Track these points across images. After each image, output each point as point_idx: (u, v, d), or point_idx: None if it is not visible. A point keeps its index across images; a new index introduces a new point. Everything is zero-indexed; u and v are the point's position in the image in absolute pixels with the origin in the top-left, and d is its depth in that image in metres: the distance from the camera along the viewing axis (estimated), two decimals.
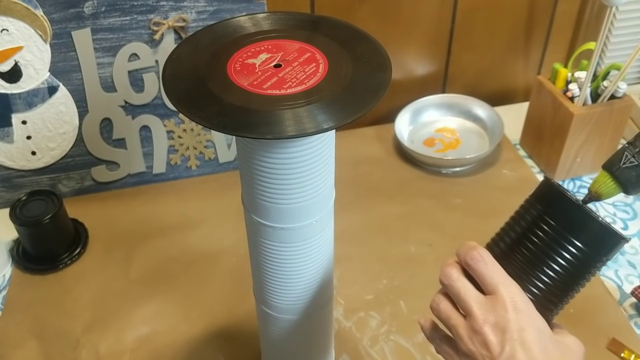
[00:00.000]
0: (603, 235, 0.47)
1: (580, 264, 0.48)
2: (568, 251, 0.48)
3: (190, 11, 0.90)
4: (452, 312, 0.49)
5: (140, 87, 0.94)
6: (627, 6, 1.07)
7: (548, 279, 0.48)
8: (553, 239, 0.48)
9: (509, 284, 0.47)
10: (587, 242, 0.47)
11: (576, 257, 0.48)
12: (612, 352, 0.76)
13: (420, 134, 1.11)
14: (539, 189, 0.50)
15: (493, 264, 0.48)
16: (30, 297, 0.86)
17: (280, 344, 0.69)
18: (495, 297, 0.47)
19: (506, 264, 0.49)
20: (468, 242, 0.50)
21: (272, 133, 0.47)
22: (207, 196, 1.00)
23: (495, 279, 0.47)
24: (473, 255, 0.49)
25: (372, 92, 0.50)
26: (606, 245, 0.48)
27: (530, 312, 0.47)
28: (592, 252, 0.48)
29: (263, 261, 0.60)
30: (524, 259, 0.49)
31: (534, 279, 0.48)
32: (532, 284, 0.49)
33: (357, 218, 0.96)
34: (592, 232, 0.47)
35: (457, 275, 0.50)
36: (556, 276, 0.48)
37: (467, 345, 0.47)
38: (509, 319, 0.46)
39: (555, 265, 0.48)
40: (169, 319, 0.82)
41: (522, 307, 0.46)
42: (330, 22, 0.58)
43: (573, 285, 0.49)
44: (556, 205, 0.48)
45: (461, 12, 1.08)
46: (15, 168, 0.95)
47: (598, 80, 0.95)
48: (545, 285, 0.48)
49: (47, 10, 0.86)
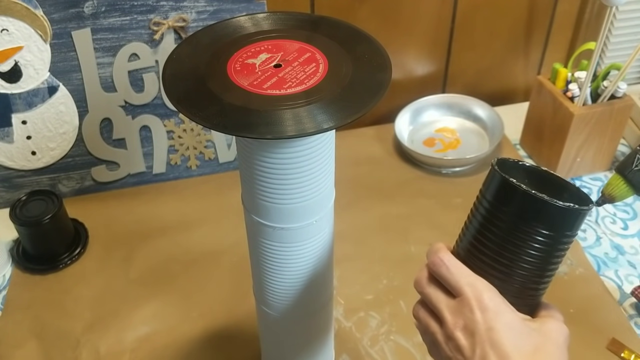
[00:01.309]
0: (561, 215, 0.45)
1: (547, 246, 0.46)
2: (530, 238, 0.45)
3: (190, 11, 0.90)
4: (429, 319, 0.49)
5: (140, 87, 0.94)
6: (627, 6, 1.07)
7: (518, 268, 0.46)
8: (511, 230, 0.46)
9: (473, 282, 0.46)
10: (547, 226, 0.45)
11: (540, 242, 0.45)
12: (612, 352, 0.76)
13: (420, 134, 1.11)
14: (487, 180, 0.48)
15: (455, 265, 0.47)
16: (30, 297, 0.86)
17: (280, 344, 0.69)
18: (462, 299, 0.46)
19: (473, 261, 0.48)
20: (433, 246, 0.50)
21: (272, 133, 0.47)
22: (207, 196, 1.00)
23: (459, 282, 0.47)
24: (434, 261, 0.48)
25: (372, 92, 0.50)
26: (567, 223, 0.46)
27: (497, 307, 0.45)
28: (555, 233, 0.45)
29: (263, 261, 0.60)
30: (488, 253, 0.47)
31: (503, 271, 0.47)
32: (502, 276, 0.47)
33: (357, 218, 0.95)
34: (548, 215, 0.45)
35: (426, 282, 0.49)
36: (526, 264, 0.46)
37: (445, 351, 0.47)
38: (476, 320, 0.45)
39: (522, 254, 0.46)
40: (169, 319, 0.82)
41: (488, 304, 0.45)
42: (330, 22, 0.58)
43: (546, 267, 0.47)
44: (505, 195, 0.46)
45: (461, 12, 1.08)
46: (15, 168, 0.95)
47: (598, 80, 0.95)
48: (517, 275, 0.47)
49: (47, 10, 0.86)
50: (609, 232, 0.93)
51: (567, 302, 0.83)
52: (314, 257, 0.59)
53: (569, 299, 0.83)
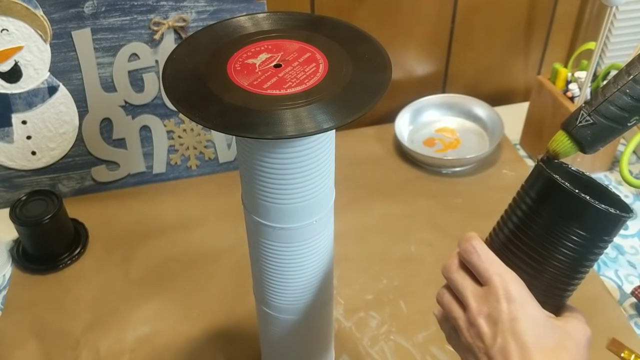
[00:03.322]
0: (601, 218, 0.46)
1: (582, 248, 0.46)
2: (567, 238, 0.46)
3: (190, 11, 0.90)
4: (453, 304, 0.49)
5: (140, 87, 0.94)
6: (627, 6, 1.07)
7: (550, 266, 0.47)
8: (549, 228, 0.46)
9: (502, 273, 0.47)
10: (585, 228, 0.46)
11: (576, 243, 0.46)
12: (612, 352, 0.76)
13: (420, 134, 1.11)
14: (531, 176, 0.49)
15: (486, 254, 0.48)
16: (30, 297, 0.86)
17: (280, 344, 0.69)
18: (489, 288, 0.47)
19: (506, 254, 0.48)
20: (466, 234, 0.50)
21: (272, 133, 0.47)
22: (207, 196, 1.00)
23: (489, 270, 0.47)
24: (466, 248, 0.49)
25: (372, 92, 0.50)
26: (606, 227, 0.46)
27: (524, 300, 0.46)
28: (592, 236, 0.46)
29: (263, 261, 0.60)
30: (522, 247, 0.48)
31: (535, 267, 0.47)
32: (533, 272, 0.47)
33: (357, 218, 0.95)
34: (589, 217, 0.45)
35: (455, 268, 0.50)
36: (558, 263, 0.47)
37: (466, 337, 0.47)
38: (501, 309, 0.45)
39: (556, 252, 0.47)
40: (169, 319, 0.82)
41: (515, 296, 0.46)
42: (330, 22, 0.58)
43: (577, 269, 0.48)
44: (549, 193, 0.46)
45: (461, 12, 1.08)
46: (15, 168, 0.95)
47: (598, 80, 0.95)
48: (548, 273, 0.47)
49: (47, 10, 0.86)
50: None
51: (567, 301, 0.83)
52: (314, 257, 0.59)
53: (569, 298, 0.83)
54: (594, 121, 0.51)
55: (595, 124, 0.52)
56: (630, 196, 0.99)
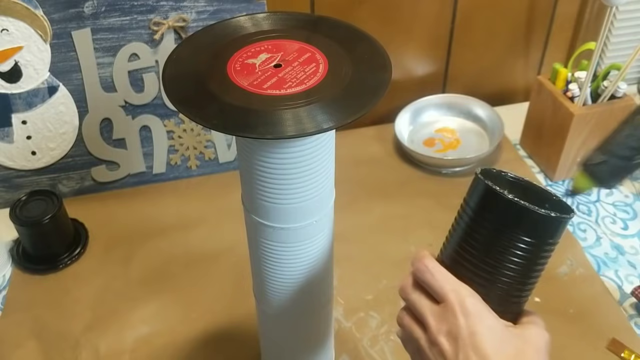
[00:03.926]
0: (542, 222, 0.45)
1: (529, 254, 0.46)
2: (512, 246, 0.46)
3: (190, 11, 0.90)
4: (414, 325, 0.49)
5: (140, 87, 0.94)
6: (627, 6, 1.07)
7: (501, 275, 0.47)
8: (494, 237, 0.46)
9: (456, 288, 0.47)
10: (528, 233, 0.45)
11: (522, 249, 0.46)
12: (612, 352, 0.76)
13: (420, 134, 1.11)
14: (471, 188, 0.49)
15: (439, 272, 0.48)
16: (30, 297, 0.86)
17: (280, 344, 0.69)
18: (445, 304, 0.47)
19: (457, 268, 0.48)
20: (418, 253, 0.50)
21: (272, 133, 0.47)
22: (207, 196, 1.00)
23: (444, 287, 0.47)
24: (419, 267, 0.49)
25: (372, 92, 0.50)
26: (549, 231, 0.46)
27: (480, 312, 0.46)
28: (537, 241, 0.46)
29: (263, 261, 0.60)
30: (471, 260, 0.48)
31: (487, 277, 0.47)
32: (486, 283, 0.47)
33: (357, 218, 0.95)
34: (530, 223, 0.45)
35: (411, 289, 0.50)
36: (509, 271, 0.47)
37: (429, 357, 0.47)
38: (459, 325, 0.45)
39: (504, 261, 0.46)
40: (169, 319, 0.82)
41: (471, 309, 0.46)
42: (330, 22, 0.58)
43: (529, 274, 0.48)
44: (488, 202, 0.47)
45: (461, 12, 1.08)
46: (15, 168, 0.95)
47: (598, 80, 0.95)
48: (500, 282, 0.47)
49: (47, 10, 0.86)
50: (609, 232, 0.93)
51: (567, 302, 0.83)
52: (314, 257, 0.59)
53: (569, 299, 0.83)
54: (606, 159, 0.53)
55: (607, 162, 0.54)
56: (631, 196, 0.99)
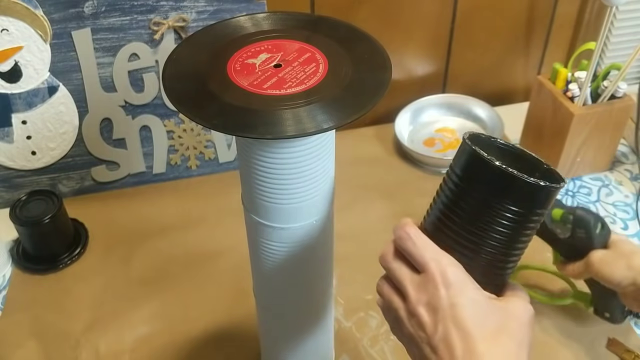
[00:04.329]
0: (531, 191, 0.44)
1: (516, 223, 0.44)
2: (499, 215, 0.44)
3: (190, 11, 0.90)
4: (393, 295, 0.48)
5: (140, 87, 0.94)
6: (627, 6, 1.07)
7: (486, 245, 0.45)
8: (480, 205, 0.45)
9: (438, 258, 0.45)
10: (516, 202, 0.44)
11: (509, 219, 0.44)
12: (612, 352, 0.76)
13: (420, 134, 1.11)
14: (457, 154, 0.47)
15: (421, 240, 0.46)
16: (30, 297, 0.86)
17: (280, 344, 0.69)
18: (426, 274, 0.45)
19: (440, 237, 0.46)
20: (401, 220, 0.48)
21: (272, 133, 0.47)
22: (207, 196, 1.00)
23: (424, 256, 0.45)
24: (400, 235, 0.47)
25: (372, 92, 0.50)
26: (537, 200, 0.45)
27: (462, 283, 0.44)
28: (524, 210, 0.44)
29: (263, 261, 0.60)
30: (455, 229, 0.46)
31: (471, 247, 0.45)
32: (470, 253, 0.46)
33: (357, 218, 0.95)
34: (518, 191, 0.44)
35: (391, 257, 0.48)
36: (494, 242, 0.45)
37: (408, 327, 0.46)
38: (439, 296, 0.44)
39: (490, 231, 0.45)
40: (169, 319, 0.82)
41: (452, 280, 0.44)
42: (330, 22, 0.58)
43: (514, 245, 0.46)
44: (476, 169, 0.45)
45: (461, 12, 1.08)
46: (15, 168, 0.95)
47: (598, 80, 0.95)
48: (484, 252, 0.45)
49: (47, 10, 0.86)
50: None
51: None
52: (314, 257, 0.59)
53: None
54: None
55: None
56: (631, 196, 0.99)
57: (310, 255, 0.59)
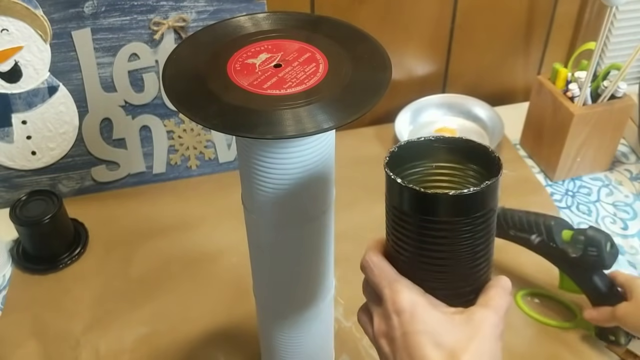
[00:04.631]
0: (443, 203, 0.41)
1: (447, 235, 0.42)
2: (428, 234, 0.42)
3: (190, 11, 0.90)
4: (367, 324, 0.47)
5: (140, 87, 0.94)
6: (627, 6, 1.07)
7: (432, 265, 0.43)
8: (405, 226, 0.45)
9: (392, 284, 0.44)
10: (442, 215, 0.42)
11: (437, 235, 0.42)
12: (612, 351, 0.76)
13: (420, 134, 1.10)
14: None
15: (378, 267, 0.45)
16: (30, 297, 0.86)
17: (280, 344, 0.69)
18: (384, 303, 0.44)
19: (395, 260, 0.45)
20: (368, 242, 0.48)
21: (272, 133, 0.47)
22: (207, 196, 1.00)
23: (380, 284, 0.44)
24: (362, 264, 0.47)
25: (372, 92, 0.50)
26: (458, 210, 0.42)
27: (413, 308, 0.42)
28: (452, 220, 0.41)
29: (263, 261, 0.60)
30: (399, 252, 0.45)
31: (424, 266, 0.43)
32: (424, 275, 0.44)
33: (357, 218, 0.95)
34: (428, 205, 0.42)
35: (365, 285, 0.48)
36: (436, 260, 0.43)
37: (379, 355, 0.45)
38: (393, 326, 0.43)
39: (427, 249, 0.43)
40: (169, 319, 0.82)
41: (403, 306, 0.42)
42: (330, 22, 0.58)
43: (465, 262, 0.43)
44: (389, 190, 0.46)
45: (461, 12, 1.08)
46: (15, 168, 0.95)
47: (598, 80, 0.95)
48: (436, 272, 0.43)
49: (47, 10, 0.86)
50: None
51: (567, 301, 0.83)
52: (313, 257, 0.59)
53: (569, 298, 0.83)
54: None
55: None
56: (631, 196, 0.99)
57: (310, 255, 0.59)
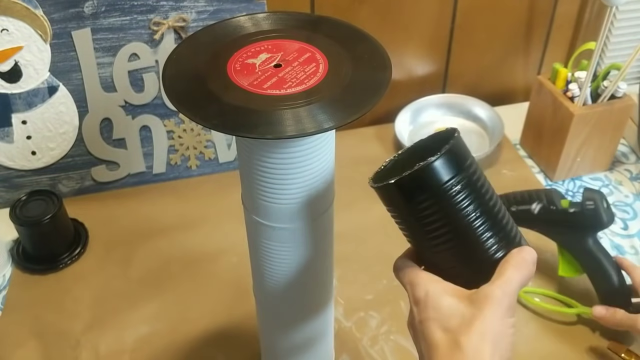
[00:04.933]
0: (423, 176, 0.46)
1: (434, 209, 0.46)
2: (419, 216, 0.47)
3: (190, 11, 0.90)
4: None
5: (140, 87, 0.94)
6: (627, 6, 1.07)
7: (439, 245, 0.47)
8: (401, 220, 0.50)
9: (411, 280, 0.48)
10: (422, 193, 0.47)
11: (428, 213, 0.46)
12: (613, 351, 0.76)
13: (420, 134, 1.10)
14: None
15: (401, 267, 0.49)
16: (30, 297, 0.86)
17: (280, 344, 0.69)
18: (408, 298, 0.48)
19: (418, 256, 0.50)
20: None
21: (272, 133, 0.47)
22: (207, 196, 1.00)
23: (404, 282, 0.49)
24: (394, 266, 0.50)
25: (372, 92, 0.50)
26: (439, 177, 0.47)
27: (428, 297, 0.46)
28: (439, 191, 0.47)
29: (263, 261, 0.60)
30: (416, 246, 0.50)
31: (434, 253, 0.48)
32: (439, 260, 0.48)
33: (357, 218, 0.95)
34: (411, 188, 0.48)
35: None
36: (439, 240, 0.47)
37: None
38: (413, 316, 0.47)
39: (426, 232, 0.47)
40: (169, 319, 0.82)
41: (420, 297, 0.46)
42: (330, 22, 0.58)
43: (465, 233, 0.46)
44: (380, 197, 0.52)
45: (461, 12, 1.08)
46: (15, 168, 0.95)
47: (598, 80, 0.95)
48: (447, 254, 0.47)
49: (47, 10, 0.86)
50: (609, 232, 0.93)
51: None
52: (314, 257, 0.59)
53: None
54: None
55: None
56: (631, 196, 0.99)
57: (310, 255, 0.59)
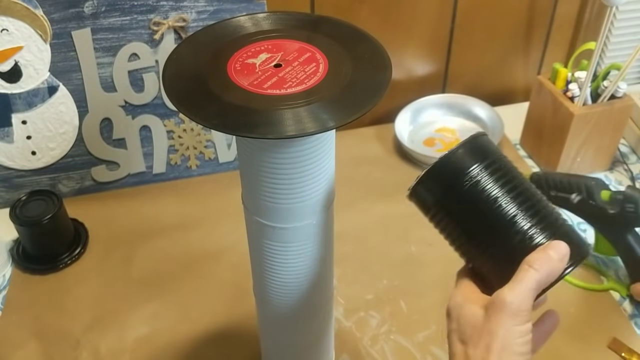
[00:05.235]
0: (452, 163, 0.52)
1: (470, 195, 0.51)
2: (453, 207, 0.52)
3: (190, 11, 0.90)
4: None
5: (140, 87, 0.94)
6: (627, 6, 1.07)
7: (475, 240, 0.49)
8: (439, 218, 0.55)
9: (452, 295, 0.49)
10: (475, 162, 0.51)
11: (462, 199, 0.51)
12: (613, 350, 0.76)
13: (420, 134, 1.11)
14: (418, 205, 0.58)
15: (456, 279, 0.51)
16: (30, 297, 0.86)
17: (280, 344, 0.69)
18: None
19: (468, 263, 0.51)
20: None
21: (272, 133, 0.47)
22: (207, 196, 1.00)
23: (449, 305, 0.50)
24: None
25: (372, 92, 0.50)
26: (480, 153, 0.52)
27: (454, 309, 0.48)
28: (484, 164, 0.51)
29: (263, 261, 0.60)
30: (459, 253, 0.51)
31: (471, 253, 0.50)
32: (478, 261, 0.49)
33: (357, 218, 0.95)
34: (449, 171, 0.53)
35: None
36: (475, 233, 0.49)
37: None
38: (447, 327, 0.49)
39: (463, 224, 0.51)
40: (169, 319, 0.82)
41: (450, 309, 0.48)
42: (330, 22, 0.58)
43: (497, 224, 0.48)
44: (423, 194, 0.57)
45: (461, 12, 1.08)
46: (15, 168, 0.95)
47: (598, 80, 0.95)
48: (484, 254, 0.49)
49: (47, 10, 0.86)
50: None
51: (568, 301, 0.83)
52: (314, 257, 0.59)
53: (570, 298, 0.83)
54: None
55: None
56: None
57: (310, 255, 0.59)
